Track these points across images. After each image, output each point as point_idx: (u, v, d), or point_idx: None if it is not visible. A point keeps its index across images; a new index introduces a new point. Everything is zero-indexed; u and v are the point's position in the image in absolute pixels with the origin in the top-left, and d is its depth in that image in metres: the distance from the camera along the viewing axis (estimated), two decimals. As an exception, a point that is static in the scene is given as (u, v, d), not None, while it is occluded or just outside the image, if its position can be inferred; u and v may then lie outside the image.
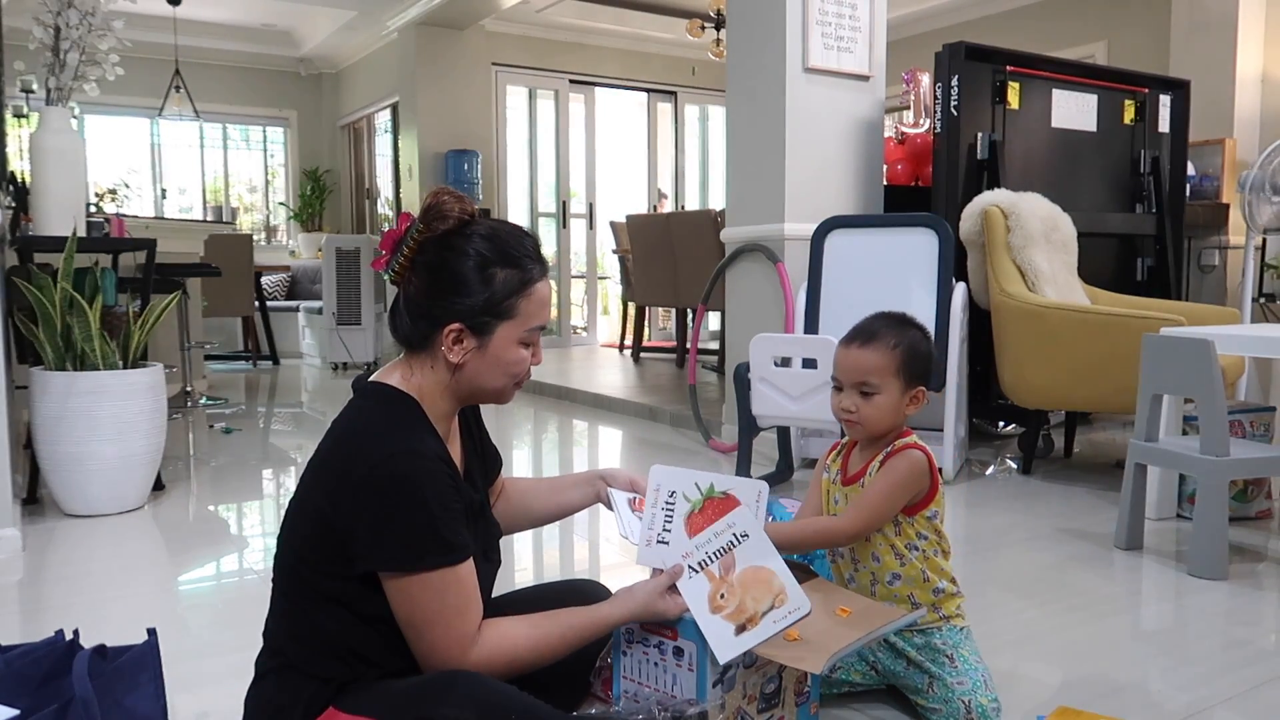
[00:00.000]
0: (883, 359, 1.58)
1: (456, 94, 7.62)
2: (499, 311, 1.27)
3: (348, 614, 1.21)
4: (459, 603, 1.20)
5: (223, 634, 2.03)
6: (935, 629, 1.59)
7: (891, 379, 1.58)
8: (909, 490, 1.57)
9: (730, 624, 1.33)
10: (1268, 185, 4.31)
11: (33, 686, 1.24)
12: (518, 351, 1.30)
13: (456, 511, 1.22)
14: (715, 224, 5.78)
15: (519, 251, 1.28)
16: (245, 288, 7.12)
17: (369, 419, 1.25)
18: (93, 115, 8.43)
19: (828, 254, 3.52)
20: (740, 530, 1.38)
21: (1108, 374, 3.05)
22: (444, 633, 1.19)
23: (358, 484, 1.18)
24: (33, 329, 2.89)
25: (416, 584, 1.17)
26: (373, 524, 1.17)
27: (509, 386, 1.33)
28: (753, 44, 3.86)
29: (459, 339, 1.27)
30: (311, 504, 1.23)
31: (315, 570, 1.22)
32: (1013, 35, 6.62)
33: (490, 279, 1.26)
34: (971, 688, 1.51)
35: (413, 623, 1.19)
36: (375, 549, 1.17)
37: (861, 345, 1.60)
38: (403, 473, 1.17)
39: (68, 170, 3.25)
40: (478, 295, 1.25)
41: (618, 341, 8.03)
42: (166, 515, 3.02)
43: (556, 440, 4.59)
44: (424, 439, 1.23)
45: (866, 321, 1.63)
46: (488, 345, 1.28)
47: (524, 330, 1.29)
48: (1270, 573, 2.41)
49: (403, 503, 1.16)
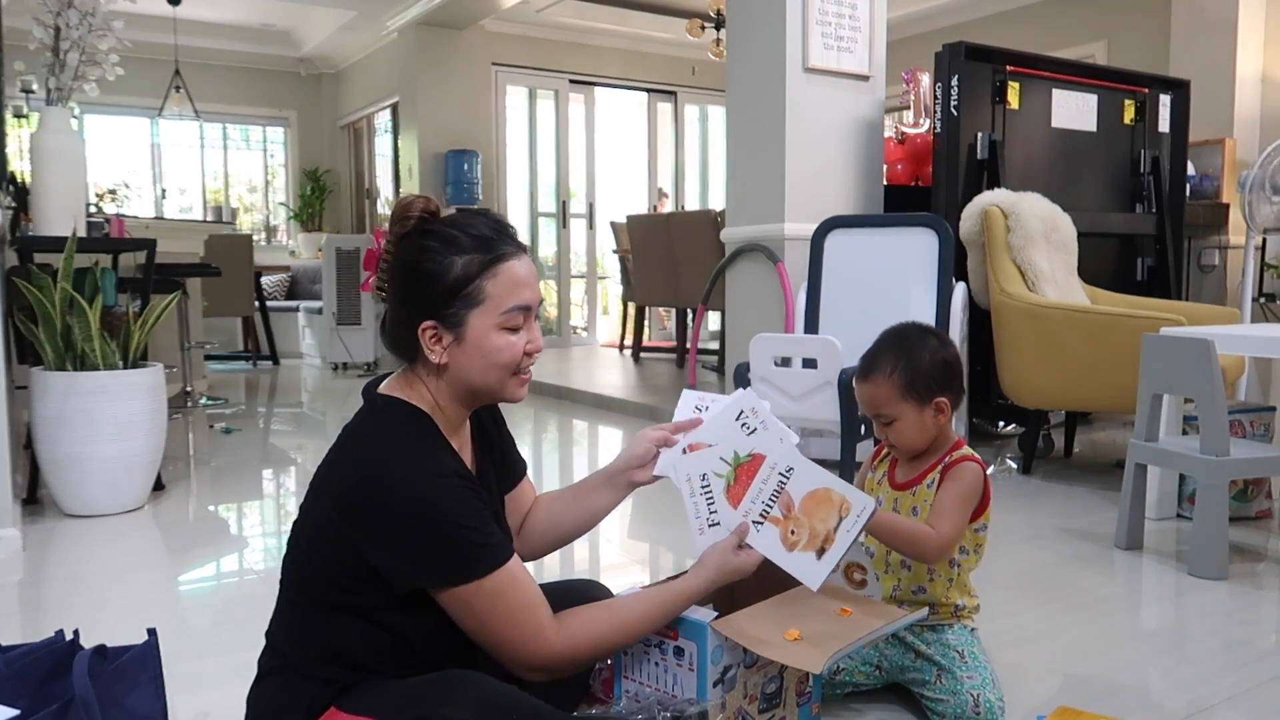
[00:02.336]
0: (882, 389, 1.59)
1: (456, 94, 7.62)
2: (464, 299, 1.21)
3: (361, 623, 1.21)
4: (524, 598, 1.20)
5: (223, 634, 2.03)
6: (947, 625, 1.61)
7: (900, 404, 1.58)
8: (973, 501, 1.58)
9: (809, 553, 1.37)
10: (1268, 185, 4.31)
11: (33, 686, 1.24)
12: (499, 339, 1.23)
13: (485, 516, 1.21)
14: (715, 224, 5.78)
15: (477, 233, 1.22)
16: (245, 288, 7.12)
17: (385, 439, 1.22)
18: (93, 115, 8.43)
19: (828, 254, 3.53)
20: (783, 467, 1.40)
21: (1108, 374, 3.05)
22: (521, 631, 1.19)
23: (379, 509, 1.16)
24: (33, 329, 2.89)
25: (475, 594, 1.17)
26: (409, 548, 1.16)
27: (507, 380, 1.26)
28: (753, 44, 3.86)
29: (436, 337, 1.23)
30: (327, 520, 1.20)
31: (330, 585, 1.21)
32: (1013, 35, 6.62)
33: (449, 267, 1.21)
34: (981, 683, 1.52)
35: (486, 630, 1.19)
36: (423, 571, 1.17)
37: (862, 379, 1.62)
38: (423, 495, 1.16)
39: (68, 170, 3.25)
40: (439, 286, 1.21)
41: (618, 341, 8.02)
42: (166, 515, 3.02)
43: (557, 440, 4.59)
44: (439, 456, 1.22)
45: (870, 348, 1.64)
46: (464, 338, 1.22)
47: (498, 314, 1.22)
48: (1270, 573, 2.41)
49: (431, 524, 1.16)
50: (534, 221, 8.43)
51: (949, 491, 1.57)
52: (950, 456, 1.61)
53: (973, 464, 1.59)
